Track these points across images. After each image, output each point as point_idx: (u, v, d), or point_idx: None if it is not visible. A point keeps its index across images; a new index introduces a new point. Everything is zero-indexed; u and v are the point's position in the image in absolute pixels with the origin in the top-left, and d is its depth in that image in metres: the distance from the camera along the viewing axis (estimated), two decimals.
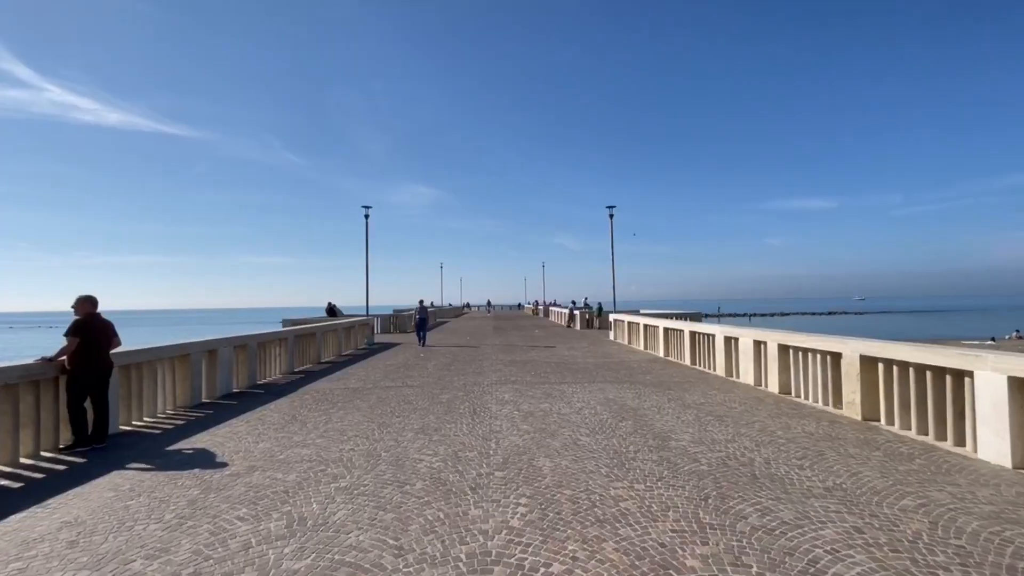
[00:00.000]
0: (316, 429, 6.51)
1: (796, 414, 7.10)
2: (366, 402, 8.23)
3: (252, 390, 9.89)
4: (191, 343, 8.70)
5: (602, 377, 10.64)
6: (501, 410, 7.45)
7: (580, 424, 6.55)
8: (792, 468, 4.76)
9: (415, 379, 10.62)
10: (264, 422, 7.00)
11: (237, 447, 5.77)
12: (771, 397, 8.40)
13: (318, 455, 5.36)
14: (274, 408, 7.96)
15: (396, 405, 7.94)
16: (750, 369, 9.80)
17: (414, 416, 7.14)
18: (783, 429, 6.24)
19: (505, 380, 10.29)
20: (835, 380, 7.60)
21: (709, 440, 5.74)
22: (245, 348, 10.42)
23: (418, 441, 5.83)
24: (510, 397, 8.44)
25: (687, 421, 6.68)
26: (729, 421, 6.67)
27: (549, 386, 9.52)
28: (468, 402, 8.08)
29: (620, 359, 13.95)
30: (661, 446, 5.52)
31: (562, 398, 8.33)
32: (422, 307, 19.67)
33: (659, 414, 7.11)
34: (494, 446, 5.59)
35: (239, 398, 9.02)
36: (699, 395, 8.58)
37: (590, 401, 8.03)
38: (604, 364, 12.84)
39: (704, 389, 9.15)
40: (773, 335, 9.13)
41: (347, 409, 7.72)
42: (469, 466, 4.91)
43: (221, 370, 9.42)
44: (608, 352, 15.84)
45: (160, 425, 7.11)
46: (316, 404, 8.18)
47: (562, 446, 5.56)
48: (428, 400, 8.28)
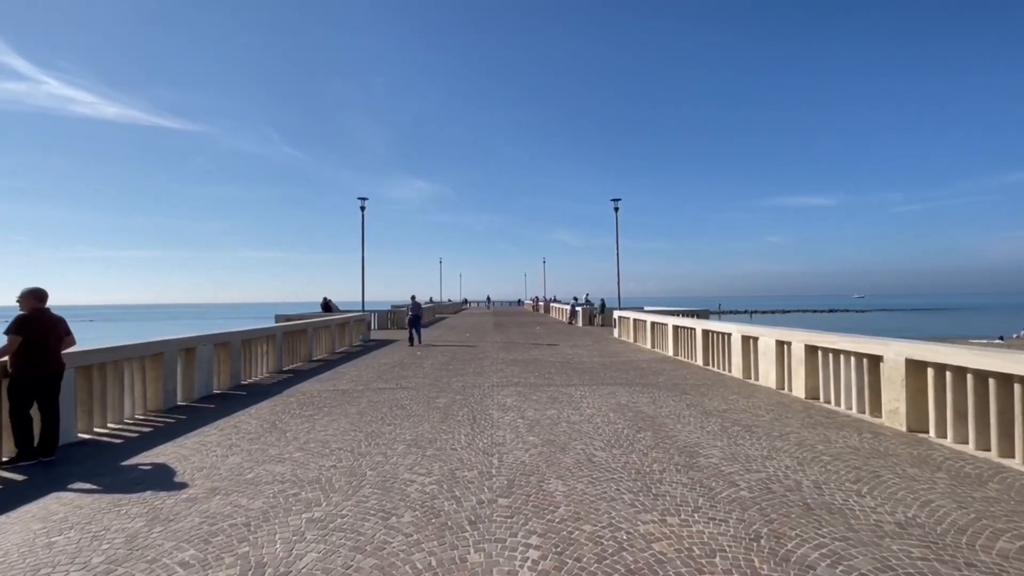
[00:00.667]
0: (296, 440, 5.78)
1: (832, 423, 6.38)
2: (355, 407, 7.50)
3: (234, 391, 9.16)
4: (164, 341, 7.95)
5: (611, 379, 9.91)
6: (503, 418, 6.72)
7: (593, 435, 5.82)
8: (849, 495, 4.03)
9: (410, 380, 9.88)
10: (239, 430, 6.27)
11: (202, 462, 5.03)
12: (798, 403, 7.68)
13: (293, 474, 4.62)
14: (254, 413, 7.23)
15: (388, 410, 7.21)
16: (771, 371, 9.07)
17: (407, 424, 6.41)
18: (823, 443, 5.52)
19: (507, 382, 9.56)
20: (873, 386, 6.88)
21: (743, 457, 5.01)
22: (227, 346, 9.68)
23: (410, 456, 5.10)
24: (513, 402, 7.71)
25: (713, 432, 5.95)
26: (760, 432, 5.94)
27: (555, 389, 8.79)
28: (467, 407, 7.35)
29: (627, 358, 13.22)
30: (689, 464, 4.79)
31: (570, 403, 7.60)
32: (415, 303, 18.30)
33: (679, 423, 6.39)
34: (496, 463, 4.86)
35: (218, 401, 8.29)
36: (719, 400, 7.85)
37: (601, 407, 7.30)
38: (611, 364, 12.11)
39: (723, 393, 8.43)
40: (799, 335, 8.39)
41: (333, 415, 6.98)
42: (468, 490, 4.18)
43: (199, 370, 8.68)
44: (614, 351, 15.11)
45: (125, 433, 6.37)
46: (300, 409, 7.45)
47: (575, 463, 4.83)
48: (423, 405, 7.55)
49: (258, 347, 11.09)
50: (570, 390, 8.69)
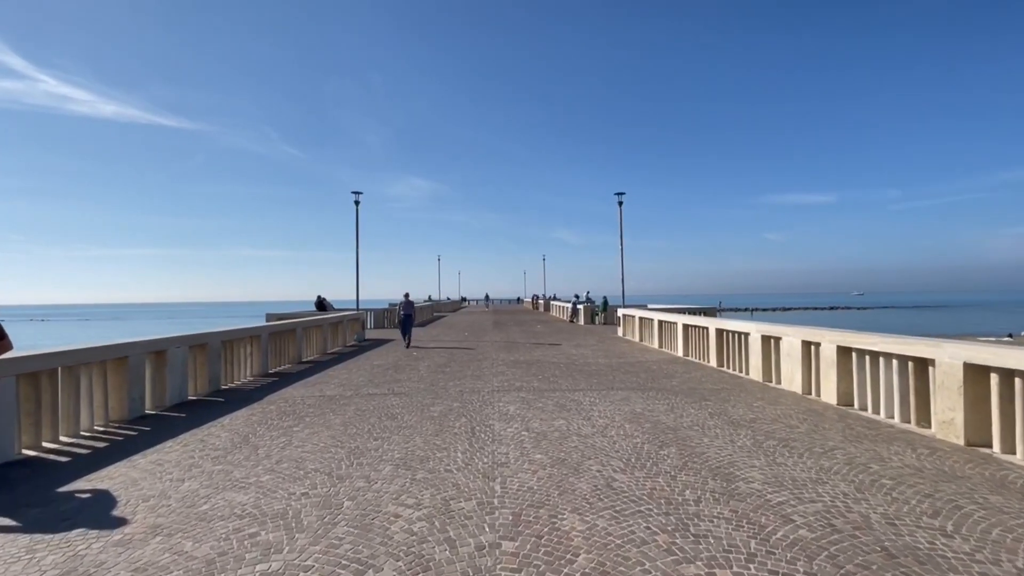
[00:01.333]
0: (268, 458, 5.02)
1: (877, 436, 5.63)
2: (340, 416, 6.74)
3: (212, 397, 8.39)
4: (129, 343, 7.17)
5: (621, 382, 9.15)
6: (506, 430, 5.96)
7: (610, 452, 5.07)
8: (934, 535, 3.28)
9: (404, 384, 9.12)
10: (205, 446, 5.50)
11: (152, 488, 4.27)
12: (831, 411, 6.93)
13: (256, 505, 3.86)
14: (227, 424, 6.47)
15: (376, 421, 6.45)
16: (796, 374, 8.33)
17: (396, 438, 5.65)
18: (876, 461, 4.77)
19: (509, 386, 8.81)
20: (921, 392, 6.13)
21: (789, 480, 4.26)
22: (205, 348, 8.90)
23: (397, 481, 4.34)
24: (516, 410, 6.95)
25: (746, 448, 5.19)
26: (799, 448, 5.19)
27: (561, 394, 8.04)
28: (465, 417, 6.59)
29: (636, 359, 12.47)
30: (728, 491, 4.04)
31: (579, 411, 6.85)
32: (407, 301, 16.97)
33: (706, 436, 5.63)
34: (499, 490, 4.10)
35: (191, 409, 7.52)
36: (743, 407, 7.10)
37: (615, 416, 6.55)
38: (619, 365, 11.36)
39: (746, 399, 7.68)
40: (829, 334, 7.64)
41: (315, 427, 6.22)
42: (464, 529, 3.42)
43: (172, 375, 7.91)
44: (620, 351, 14.36)
45: (76, 449, 5.60)
46: (280, 418, 6.69)
47: (592, 490, 4.08)
48: (416, 414, 6.79)
49: (241, 348, 10.32)
50: (578, 396, 7.93)
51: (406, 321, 16.54)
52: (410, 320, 16.66)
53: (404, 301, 16.97)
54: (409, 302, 16.99)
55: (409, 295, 17.30)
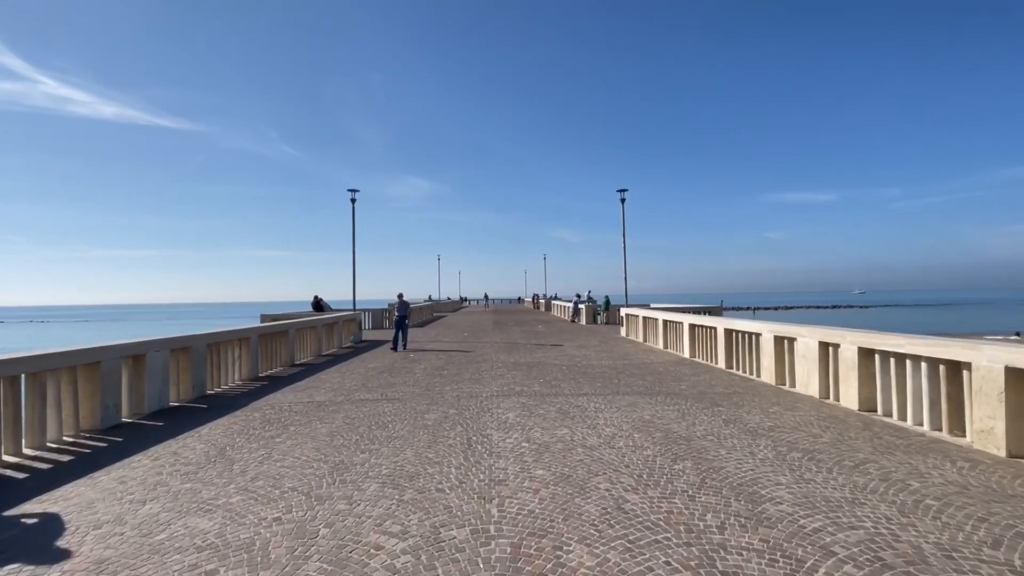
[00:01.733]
0: (243, 475, 4.56)
1: (910, 447, 5.16)
2: (328, 425, 6.28)
3: (195, 404, 7.94)
4: (102, 347, 6.72)
5: (627, 386, 8.69)
6: (505, 440, 5.50)
7: (619, 467, 4.60)
8: (1002, 571, 2.82)
9: (398, 389, 8.66)
10: (177, 459, 5.05)
11: (108, 511, 3.82)
12: (853, 417, 6.46)
13: (220, 533, 3.41)
14: (205, 434, 6.01)
15: (366, 430, 5.99)
16: (812, 377, 7.86)
17: (386, 451, 5.19)
18: (914, 476, 4.30)
19: (508, 390, 8.34)
20: (955, 399, 5.67)
21: (822, 501, 3.80)
22: (188, 351, 8.45)
23: (382, 503, 3.88)
24: (516, 418, 6.48)
25: (768, 461, 4.73)
26: (827, 461, 4.73)
27: (564, 400, 7.58)
28: (461, 426, 6.13)
29: (640, 360, 12.00)
30: (755, 515, 3.57)
31: (584, 419, 6.38)
32: (401, 301, 15.88)
33: (722, 447, 5.17)
34: (496, 515, 3.63)
35: (171, 416, 7.07)
36: (759, 413, 6.64)
37: (622, 425, 6.08)
38: (624, 367, 10.89)
39: (760, 404, 7.21)
40: (850, 335, 7.17)
41: (299, 437, 5.77)
42: (455, 565, 2.96)
43: (151, 380, 7.46)
44: (624, 352, 13.89)
45: (36, 464, 5.15)
46: (263, 428, 6.24)
47: (601, 514, 3.61)
48: (409, 423, 6.33)
49: (229, 351, 9.87)
50: (581, 401, 7.47)
51: (400, 323, 15.50)
52: (405, 322, 15.59)
53: (398, 302, 16.03)
54: (403, 302, 15.98)
55: (403, 295, 16.30)
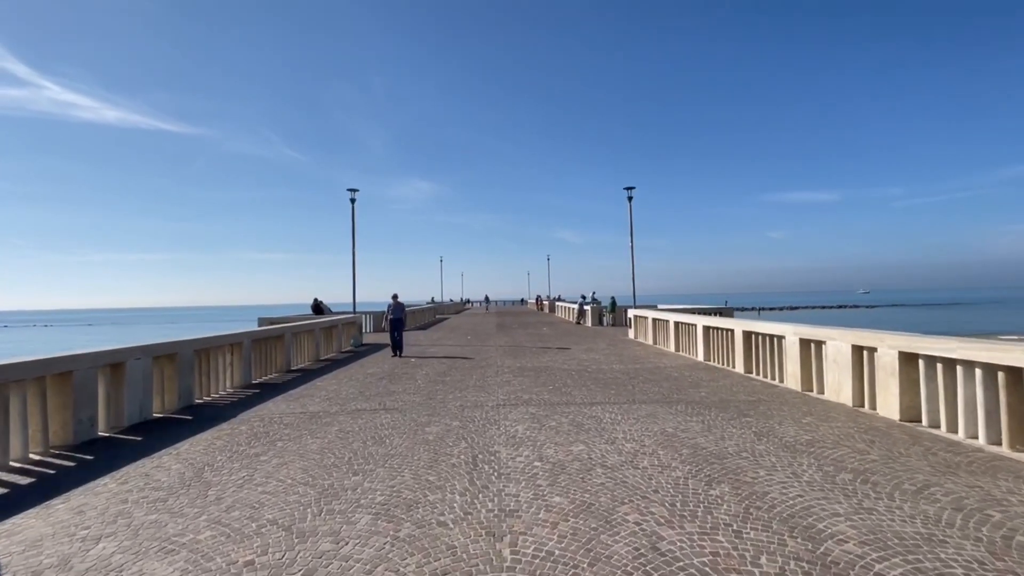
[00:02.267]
0: (218, 502, 4.01)
1: (973, 466, 4.57)
2: (319, 440, 5.72)
3: (180, 415, 7.40)
4: (74, 356, 6.18)
5: (642, 393, 8.10)
6: (515, 459, 4.92)
7: (646, 492, 4.03)
8: None
9: (397, 397, 8.10)
10: (148, 483, 4.50)
11: (55, 551, 3.26)
12: (897, 429, 5.87)
13: None
14: (184, 451, 5.46)
15: (360, 446, 5.42)
16: (845, 384, 7.26)
17: (381, 472, 4.62)
18: (992, 504, 3.71)
19: (516, 399, 7.77)
20: (1015, 409, 5.07)
21: (892, 537, 3.21)
22: (174, 359, 7.91)
23: (374, 540, 3.31)
24: (526, 431, 5.91)
25: (816, 484, 4.15)
26: (884, 484, 4.14)
27: (576, 409, 7.00)
28: (465, 441, 5.56)
29: (653, 365, 11.41)
30: (818, 557, 2.99)
31: (600, 432, 5.81)
32: (396, 303, 14.59)
33: (760, 466, 4.58)
34: (509, 558, 3.06)
35: (151, 430, 6.54)
36: (792, 424, 6.05)
37: (644, 439, 5.50)
38: (636, 372, 10.31)
39: (792, 414, 6.62)
40: (889, 338, 6.57)
41: (287, 455, 5.21)
42: None
43: (131, 390, 6.92)
44: (635, 355, 13.30)
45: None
46: (248, 443, 5.68)
47: (633, 557, 3.04)
48: (408, 437, 5.77)
49: (219, 358, 9.33)
50: (596, 411, 6.89)
51: (395, 327, 14.25)
52: (400, 325, 14.36)
53: (392, 303, 14.70)
54: (399, 304, 14.71)
55: (398, 296, 14.90)
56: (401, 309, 14.65)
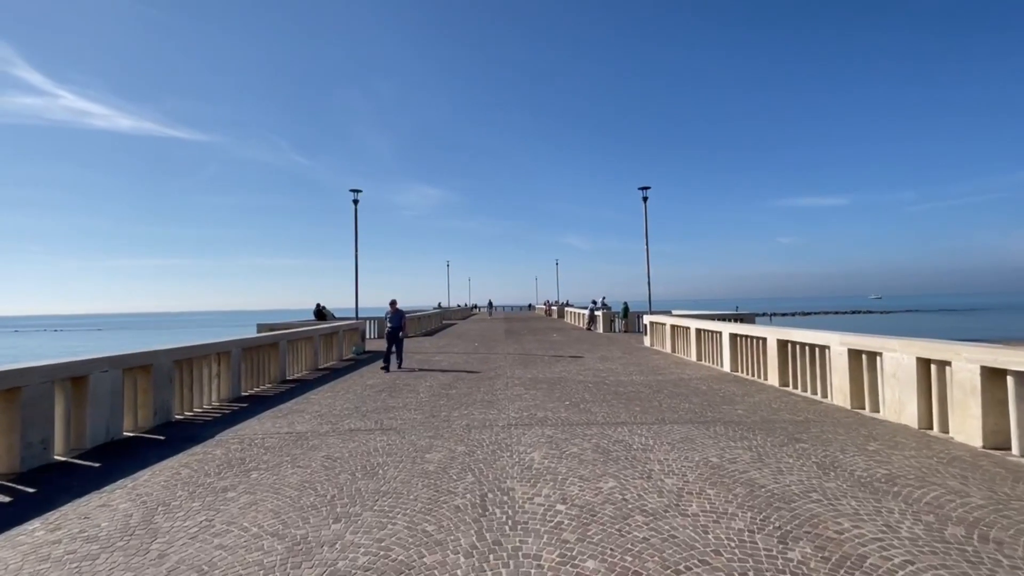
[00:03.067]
0: (159, 562, 3.16)
1: None
2: (301, 470, 4.87)
3: (153, 434, 6.60)
4: (23, 369, 5.37)
5: (671, 410, 7.19)
6: (533, 500, 4.04)
7: (705, 555, 3.12)
8: None
9: (396, 414, 7.24)
10: (84, 530, 3.67)
11: None
12: (984, 459, 4.92)
13: None
14: (141, 484, 4.64)
15: (347, 481, 4.56)
16: (907, 402, 6.32)
17: (368, 518, 3.76)
18: None
19: (529, 417, 6.89)
20: None
21: None
22: (149, 371, 7.13)
23: None
24: (543, 460, 5.02)
25: (921, 542, 3.22)
26: (1008, 542, 3.21)
27: (599, 431, 6.11)
28: (472, 473, 4.68)
29: (676, 376, 10.48)
30: None
31: (632, 462, 4.91)
32: (394, 310, 12.48)
33: (840, 513, 3.66)
34: None
35: (116, 453, 5.73)
36: (857, 453, 5.12)
37: (686, 473, 4.59)
38: (659, 385, 9.38)
39: (852, 439, 5.67)
40: (965, 350, 5.62)
41: (259, 490, 4.36)
42: None
43: (95, 407, 6.13)
44: (654, 365, 12.36)
45: None
46: (218, 473, 4.85)
47: None
48: (405, 467, 4.90)
49: (204, 368, 8.53)
50: (622, 433, 5.99)
51: (393, 337, 12.26)
52: (398, 335, 12.31)
53: (390, 310, 12.55)
54: (397, 311, 12.54)
55: (397, 302, 12.70)
56: (400, 317, 12.52)
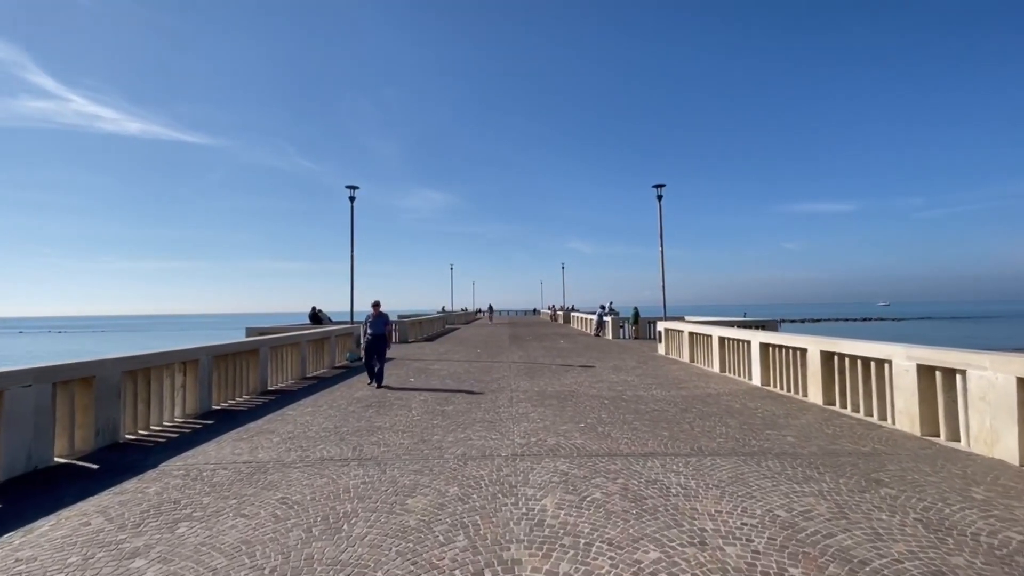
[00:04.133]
0: None
1: None
2: (245, 521, 3.75)
3: (88, 461, 5.52)
4: None
5: (706, 435, 6.02)
6: None
7: None
8: None
9: (380, 438, 6.12)
10: None
11: None
12: None
13: None
14: (32, 540, 3.53)
15: (299, 541, 3.44)
16: (1005, 432, 5.13)
17: None
18: None
19: (539, 444, 5.75)
20: None
21: None
22: (90, 384, 6.05)
23: None
24: (558, 510, 3.88)
25: None
26: None
27: (625, 464, 4.96)
28: (465, 533, 3.54)
29: (702, 391, 9.31)
30: None
31: (675, 515, 3.76)
32: (377, 314, 10.45)
33: None
34: None
35: (31, 488, 4.65)
36: (965, 505, 3.94)
37: (750, 535, 3.44)
38: (685, 401, 8.22)
39: (947, 480, 4.49)
40: None
41: (179, 555, 3.24)
42: None
43: (12, 431, 5.04)
44: (673, 376, 11.18)
45: None
46: (137, 525, 3.74)
47: None
48: (379, 518, 3.77)
49: (165, 380, 7.45)
50: (653, 468, 4.84)
51: (373, 347, 10.18)
52: (381, 344, 10.24)
53: (371, 314, 10.48)
54: (380, 315, 10.47)
55: (380, 304, 10.56)
56: (384, 322, 10.43)
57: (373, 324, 10.41)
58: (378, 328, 10.37)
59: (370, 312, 10.62)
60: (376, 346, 10.29)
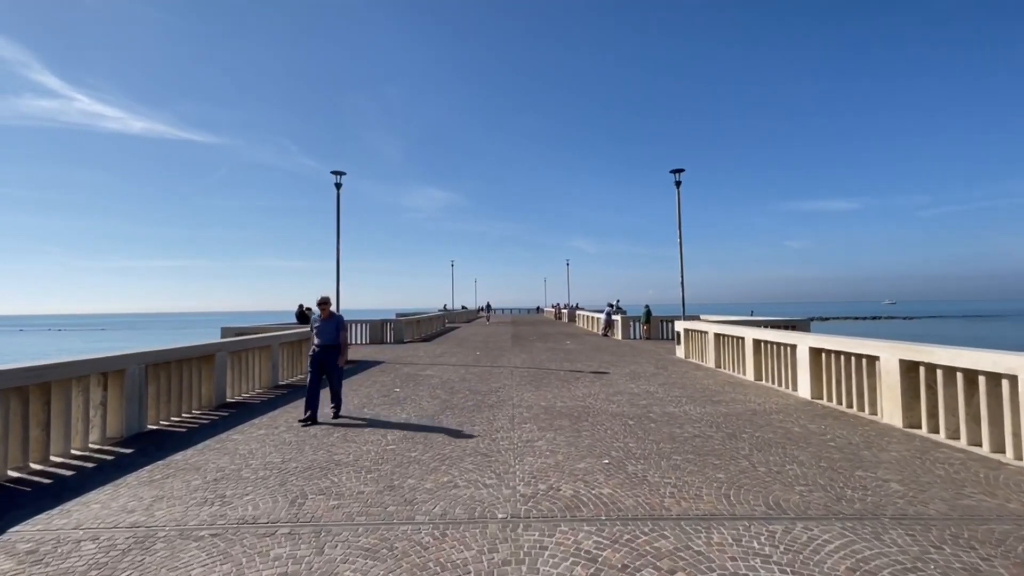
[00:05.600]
0: None
1: None
2: None
3: None
4: None
5: (779, 479, 4.40)
6: None
7: None
8: None
9: (335, 482, 4.52)
10: None
11: None
12: None
13: None
14: None
15: None
16: None
17: None
18: None
19: (550, 493, 4.14)
20: None
21: None
22: None
23: None
24: None
25: None
26: None
27: (679, 535, 3.35)
28: None
29: (741, 405, 7.67)
30: None
31: None
32: (328, 316, 7.31)
33: None
34: None
35: None
36: None
37: None
38: (726, 420, 6.61)
39: None
40: None
41: None
42: None
43: None
44: (702, 385, 9.55)
45: None
46: None
47: None
48: None
49: (76, 396, 5.89)
50: (725, 545, 3.23)
51: (320, 362, 7.25)
52: (329, 357, 7.27)
53: (318, 316, 7.29)
54: (332, 316, 7.33)
55: (329, 301, 7.29)
56: (333, 329, 7.33)
57: (320, 330, 7.29)
58: (327, 336, 7.27)
59: (316, 313, 7.33)
60: (325, 360, 7.25)
